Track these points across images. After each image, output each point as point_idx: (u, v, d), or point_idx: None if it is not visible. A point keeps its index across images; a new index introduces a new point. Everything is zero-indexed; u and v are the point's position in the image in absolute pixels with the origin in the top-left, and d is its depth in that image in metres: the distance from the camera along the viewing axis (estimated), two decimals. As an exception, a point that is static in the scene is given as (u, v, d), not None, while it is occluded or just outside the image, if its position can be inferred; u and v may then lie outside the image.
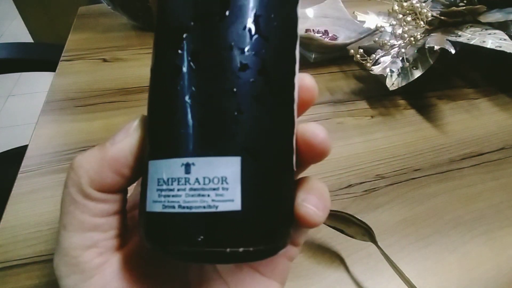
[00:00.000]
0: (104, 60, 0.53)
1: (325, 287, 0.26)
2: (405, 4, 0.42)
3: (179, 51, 0.12)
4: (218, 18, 0.12)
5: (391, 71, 0.43)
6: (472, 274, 0.27)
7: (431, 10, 0.43)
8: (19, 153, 0.38)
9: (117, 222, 0.15)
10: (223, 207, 0.11)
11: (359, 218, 0.26)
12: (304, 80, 0.15)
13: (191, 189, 0.11)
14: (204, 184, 0.11)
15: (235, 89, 0.12)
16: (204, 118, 0.12)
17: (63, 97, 0.45)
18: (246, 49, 0.12)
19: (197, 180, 0.11)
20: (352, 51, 0.45)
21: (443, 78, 0.51)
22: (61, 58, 0.52)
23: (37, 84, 1.64)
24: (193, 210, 0.11)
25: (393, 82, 0.42)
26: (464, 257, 0.28)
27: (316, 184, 0.15)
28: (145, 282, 0.16)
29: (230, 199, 0.11)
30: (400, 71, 0.43)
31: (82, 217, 0.14)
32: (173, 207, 0.11)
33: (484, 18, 0.42)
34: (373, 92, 0.47)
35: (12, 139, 1.32)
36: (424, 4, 0.43)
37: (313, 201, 0.14)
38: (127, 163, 0.14)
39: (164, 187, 0.12)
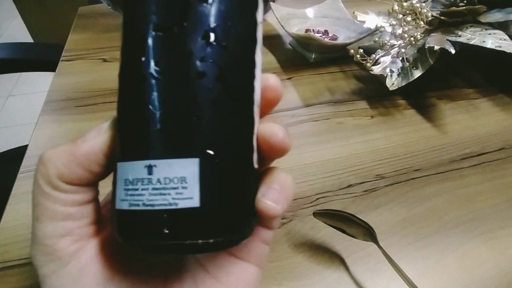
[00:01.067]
0: (104, 60, 0.53)
1: (325, 287, 0.26)
2: (405, 4, 0.42)
3: (141, 60, 0.13)
4: (176, 29, 0.13)
5: (391, 71, 0.43)
6: (472, 274, 0.27)
7: (431, 10, 0.43)
8: (19, 153, 0.38)
9: (90, 211, 0.16)
10: (182, 204, 0.12)
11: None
12: (268, 81, 0.15)
13: (153, 189, 0.12)
14: (165, 183, 0.12)
15: (193, 96, 0.12)
16: (164, 123, 0.12)
17: (63, 97, 0.45)
18: (203, 58, 0.13)
19: (158, 180, 0.12)
20: (352, 51, 0.45)
21: (443, 78, 0.51)
22: (61, 58, 0.52)
23: (37, 84, 1.64)
24: (156, 208, 0.12)
25: (393, 82, 0.42)
26: (464, 257, 0.28)
27: (278, 176, 0.15)
28: (124, 267, 0.16)
29: (189, 197, 0.12)
30: (400, 71, 0.43)
31: (53, 207, 0.14)
32: (138, 205, 0.12)
33: (484, 18, 0.42)
34: (373, 92, 0.47)
35: (12, 139, 1.32)
36: (424, 4, 0.43)
37: (273, 195, 0.14)
38: (97, 161, 0.14)
39: (130, 186, 0.12)
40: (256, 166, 0.15)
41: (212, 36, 0.13)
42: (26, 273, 0.27)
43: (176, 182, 0.12)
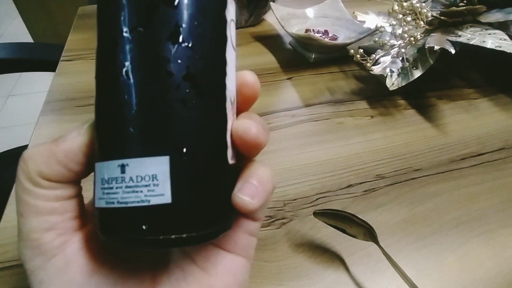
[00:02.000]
0: (104, 60, 0.53)
1: (325, 287, 0.26)
2: (405, 4, 0.42)
3: (111, 62, 0.13)
4: (142, 30, 0.13)
5: (391, 71, 0.43)
6: (472, 274, 0.27)
7: (431, 10, 0.43)
8: (19, 153, 0.37)
9: (73, 205, 0.16)
10: (154, 201, 0.12)
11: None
12: (245, 77, 0.16)
13: (126, 187, 0.13)
14: (137, 181, 0.12)
15: (161, 95, 0.13)
16: (134, 122, 0.13)
17: (63, 97, 0.45)
18: (170, 58, 0.13)
19: (131, 178, 0.12)
20: (352, 51, 0.45)
21: (443, 78, 0.51)
22: (61, 58, 0.52)
23: (37, 84, 1.64)
24: (129, 205, 0.13)
25: (393, 82, 0.42)
26: (464, 257, 0.28)
27: (256, 171, 0.15)
28: (110, 259, 0.16)
29: (161, 194, 0.12)
30: (400, 71, 0.43)
31: (36, 203, 0.15)
32: (113, 203, 0.13)
33: (484, 18, 0.42)
34: (373, 92, 0.47)
35: (12, 139, 1.32)
36: (424, 4, 0.43)
37: (249, 189, 0.15)
38: (76, 159, 0.15)
39: (106, 185, 0.13)
40: (231, 161, 0.15)
41: (178, 37, 0.13)
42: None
43: (147, 180, 0.12)
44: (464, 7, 0.41)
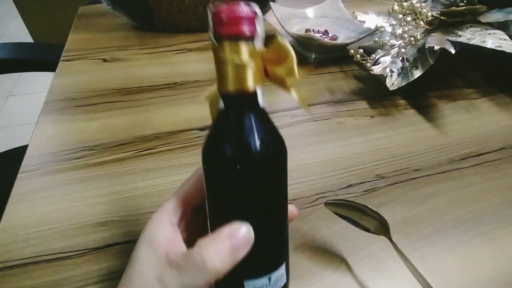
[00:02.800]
0: (104, 60, 0.53)
1: (325, 287, 0.26)
2: (405, 4, 0.42)
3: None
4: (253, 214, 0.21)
5: (391, 71, 0.43)
6: (472, 274, 0.27)
7: (431, 10, 0.43)
8: (19, 153, 0.38)
9: None
10: (282, 285, 0.22)
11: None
12: (292, 213, 0.23)
13: (269, 285, 0.21)
14: (274, 281, 0.22)
15: (276, 244, 0.22)
16: (267, 257, 0.22)
17: (63, 97, 0.45)
18: (266, 224, 0.21)
19: (272, 280, 0.22)
20: (352, 51, 0.45)
21: (443, 78, 0.51)
22: (61, 58, 0.52)
23: (37, 84, 1.64)
24: None
25: (393, 82, 0.42)
26: (464, 257, 0.28)
27: None
28: None
29: (285, 281, 0.22)
30: (400, 71, 0.43)
31: None
32: None
33: (484, 18, 0.42)
34: (373, 92, 0.47)
35: (12, 139, 1.32)
36: (424, 4, 0.43)
37: None
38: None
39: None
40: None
41: (268, 207, 0.21)
42: (26, 273, 0.27)
43: (279, 277, 0.22)
44: (464, 7, 0.42)
